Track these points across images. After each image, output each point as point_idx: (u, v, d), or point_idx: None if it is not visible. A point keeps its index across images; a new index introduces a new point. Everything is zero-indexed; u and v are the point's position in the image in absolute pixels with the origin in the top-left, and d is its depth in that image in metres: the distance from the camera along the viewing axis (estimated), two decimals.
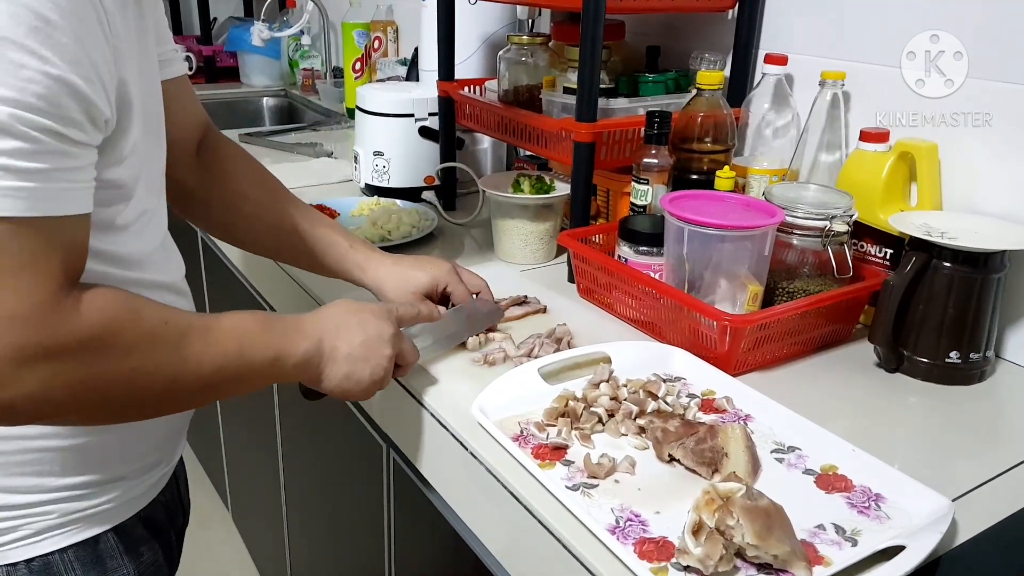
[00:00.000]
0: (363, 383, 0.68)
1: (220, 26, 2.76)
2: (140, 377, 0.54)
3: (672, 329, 0.87)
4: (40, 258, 0.48)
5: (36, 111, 0.46)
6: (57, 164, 0.48)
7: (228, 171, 0.83)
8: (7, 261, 0.47)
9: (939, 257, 0.81)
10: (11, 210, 0.46)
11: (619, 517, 0.60)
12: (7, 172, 0.45)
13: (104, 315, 0.51)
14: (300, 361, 0.64)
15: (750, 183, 1.02)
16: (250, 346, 0.61)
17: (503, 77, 1.17)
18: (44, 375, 0.48)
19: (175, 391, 0.57)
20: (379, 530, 1.03)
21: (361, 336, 0.68)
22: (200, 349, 0.57)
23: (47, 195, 0.47)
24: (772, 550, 0.52)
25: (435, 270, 0.85)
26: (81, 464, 0.63)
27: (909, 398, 0.81)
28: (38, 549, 0.63)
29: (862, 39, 0.99)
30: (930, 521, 0.58)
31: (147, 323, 0.54)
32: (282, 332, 0.64)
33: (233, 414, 1.71)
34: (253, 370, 0.61)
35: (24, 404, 0.49)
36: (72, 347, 0.49)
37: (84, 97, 0.48)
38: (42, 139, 0.47)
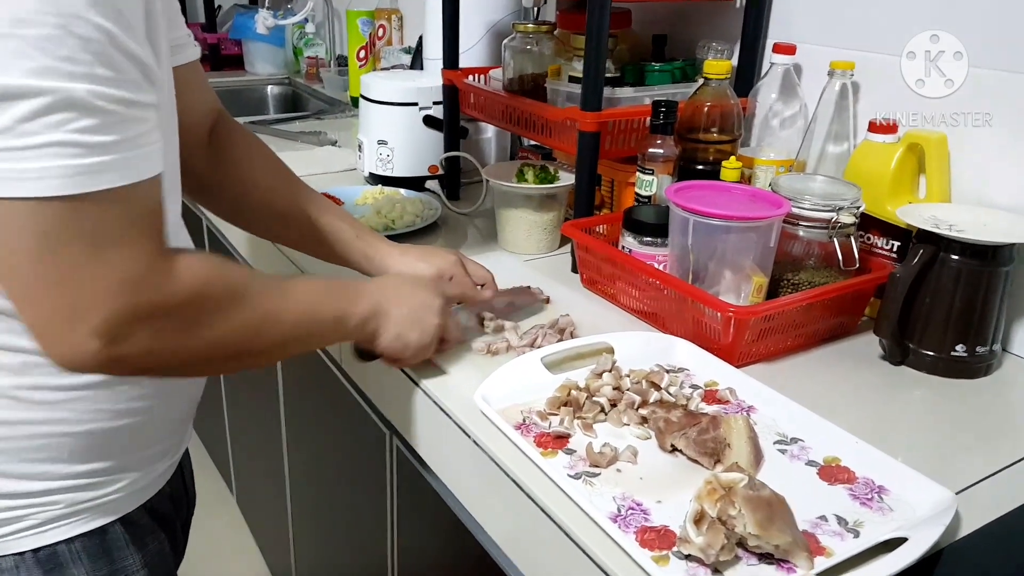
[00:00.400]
0: (411, 345, 0.73)
1: (225, 14, 2.75)
2: (232, 332, 0.59)
3: (676, 320, 0.87)
4: (137, 224, 0.51)
5: (109, 83, 0.48)
6: (134, 131, 0.50)
7: (239, 157, 0.84)
8: (110, 231, 0.49)
9: (947, 250, 0.80)
10: (105, 183, 0.48)
11: (621, 506, 0.59)
12: (94, 149, 0.47)
13: (199, 275, 0.55)
14: (360, 321, 0.69)
15: (756, 174, 1.02)
16: (319, 306, 0.66)
17: (508, 66, 1.16)
18: (152, 331, 0.53)
19: (260, 345, 0.62)
20: (382, 517, 1.03)
21: (413, 302, 0.73)
22: (279, 307, 0.62)
23: (131, 163, 0.50)
24: (773, 540, 0.52)
25: (440, 262, 0.85)
26: (89, 451, 0.63)
27: (914, 391, 0.81)
28: (45, 539, 0.63)
29: (872, 29, 0.98)
30: (933, 513, 0.58)
31: (234, 283, 0.59)
32: (344, 293, 0.69)
33: (238, 401, 1.71)
34: (321, 327, 0.68)
35: (136, 357, 0.53)
36: (175, 305, 0.54)
37: (139, 60, 0.50)
38: (118, 110, 0.48)
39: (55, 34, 0.45)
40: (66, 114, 0.46)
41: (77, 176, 0.47)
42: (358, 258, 0.85)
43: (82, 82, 0.46)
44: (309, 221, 0.84)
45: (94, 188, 0.48)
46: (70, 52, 0.45)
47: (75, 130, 0.46)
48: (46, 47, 0.45)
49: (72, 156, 0.47)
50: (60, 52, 0.45)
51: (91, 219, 0.49)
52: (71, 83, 0.46)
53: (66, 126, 0.46)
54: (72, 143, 0.46)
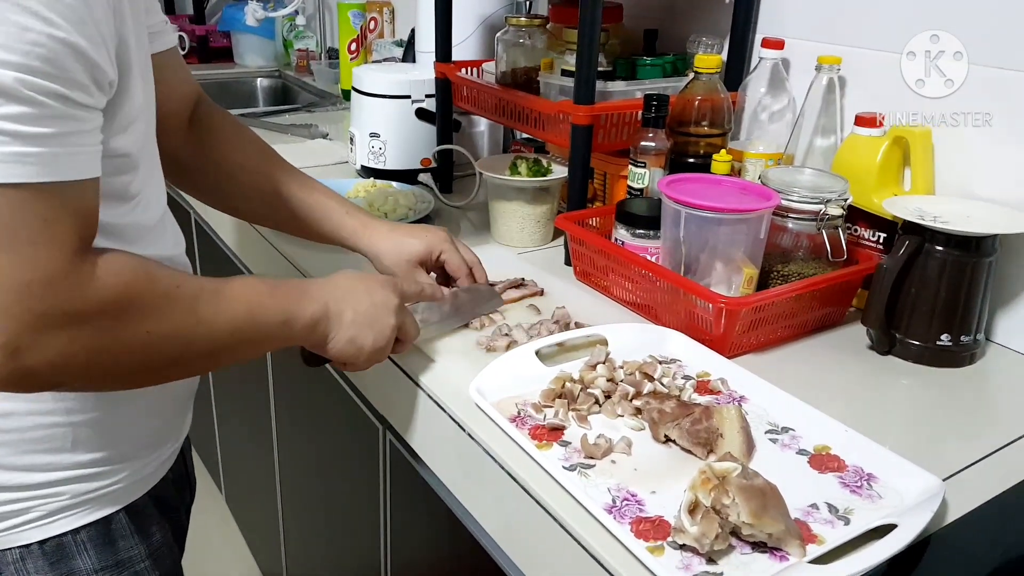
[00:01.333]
0: (365, 349, 0.69)
1: (214, 5, 2.73)
2: (156, 340, 0.54)
3: (668, 312, 0.88)
4: (54, 224, 0.48)
5: (41, 75, 0.45)
6: (65, 128, 0.47)
7: (221, 140, 0.83)
8: (22, 229, 0.46)
9: (932, 241, 0.82)
10: (22, 176, 0.45)
11: (615, 497, 0.60)
12: (15, 138, 0.45)
13: (120, 279, 0.52)
14: (307, 323, 0.65)
15: (746, 167, 1.03)
16: (260, 308, 0.61)
17: (500, 59, 1.17)
18: (64, 341, 0.49)
19: (189, 354, 0.58)
20: (375, 512, 1.04)
21: (367, 302, 0.68)
22: (212, 311, 0.58)
23: (56, 160, 0.47)
24: (767, 528, 0.54)
25: (430, 237, 0.85)
26: (92, 440, 0.63)
27: (901, 380, 0.82)
28: (51, 530, 0.63)
29: (859, 24, 1.00)
30: (921, 500, 0.60)
31: (161, 286, 0.55)
32: (290, 295, 0.64)
33: (227, 396, 1.71)
34: (262, 332, 0.62)
35: (45, 370, 0.49)
36: (91, 312, 0.50)
37: (88, 59, 0.48)
38: (48, 103, 0.46)
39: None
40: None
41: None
42: (347, 234, 0.84)
43: (11, 69, 0.44)
44: (297, 199, 0.83)
45: (11, 179, 0.45)
46: (2, 39, 0.43)
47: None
48: None
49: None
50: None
51: (2, 213, 0.45)
52: None
53: None
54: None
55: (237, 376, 1.57)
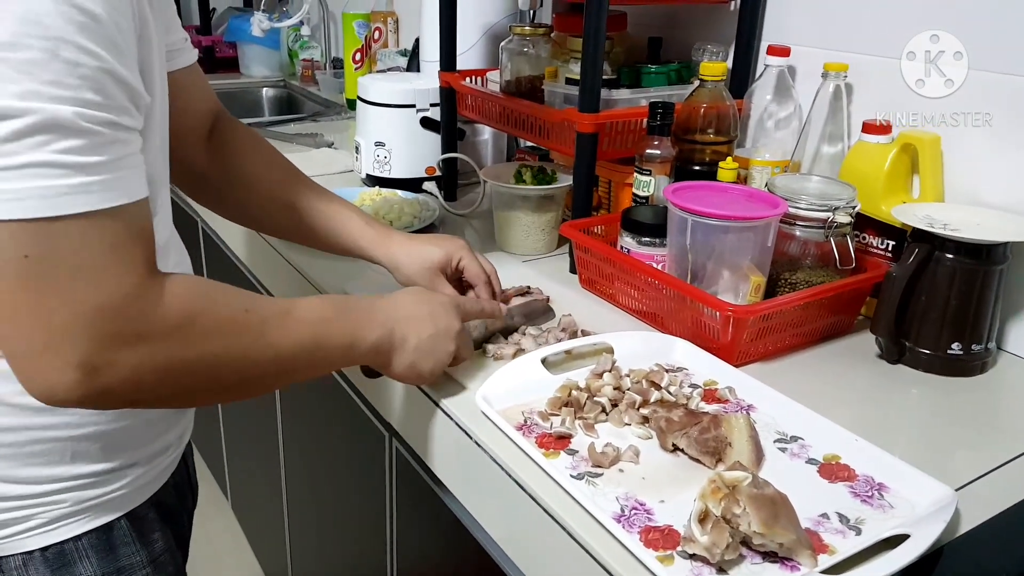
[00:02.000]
0: (424, 375, 0.70)
1: (219, 16, 2.75)
2: (222, 362, 0.56)
3: (675, 320, 0.87)
4: (122, 247, 0.49)
5: (95, 106, 0.47)
6: (119, 153, 0.49)
7: (239, 153, 0.84)
8: (92, 255, 0.48)
9: (941, 249, 0.81)
10: (88, 204, 0.47)
11: (624, 506, 0.60)
12: (76, 169, 0.47)
13: (185, 302, 0.53)
14: (371, 348, 0.66)
15: (752, 174, 1.02)
16: (326, 333, 0.63)
17: (505, 68, 1.17)
18: (137, 360, 0.50)
19: (255, 375, 0.59)
20: (381, 519, 1.03)
21: (431, 330, 0.70)
22: (279, 335, 0.59)
23: (116, 184, 0.49)
24: (778, 538, 0.53)
25: (449, 245, 0.85)
26: (92, 453, 0.63)
27: (911, 389, 0.81)
28: (52, 537, 0.63)
29: (865, 31, 0.99)
30: (933, 510, 0.59)
31: (227, 308, 0.56)
32: (356, 319, 0.66)
33: (232, 403, 1.70)
34: (328, 355, 0.64)
35: (120, 388, 0.51)
36: (160, 333, 0.51)
37: (128, 85, 0.50)
38: (103, 132, 0.48)
39: (41, 58, 0.45)
40: (50, 135, 0.45)
41: (60, 197, 0.46)
42: (366, 244, 0.84)
43: (68, 104, 0.46)
44: (315, 211, 0.84)
45: (77, 210, 0.47)
46: (56, 76, 0.45)
47: (59, 151, 0.46)
48: (31, 71, 0.44)
49: (55, 177, 0.46)
50: (45, 76, 0.45)
51: (74, 242, 0.47)
52: (56, 105, 0.45)
53: (49, 146, 0.45)
54: (55, 164, 0.46)
55: None
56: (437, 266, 0.84)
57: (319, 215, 0.84)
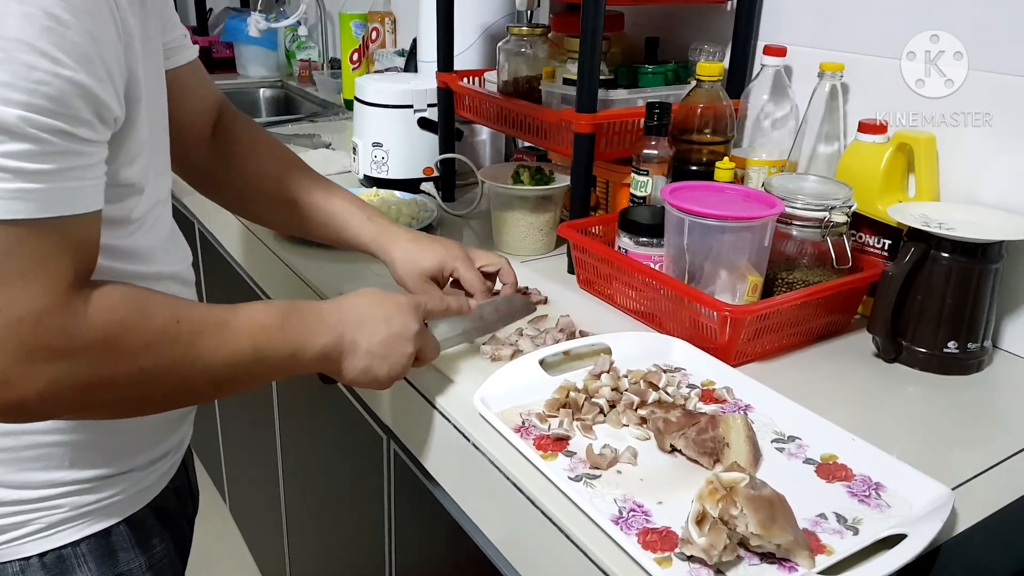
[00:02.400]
0: (379, 379, 0.67)
1: (216, 16, 2.74)
2: (150, 377, 0.54)
3: (672, 320, 0.88)
4: (50, 259, 0.48)
5: (46, 113, 0.46)
6: (67, 164, 0.48)
7: (243, 148, 0.84)
8: (17, 263, 0.47)
9: (937, 248, 0.81)
10: (21, 212, 0.46)
11: (622, 507, 0.60)
12: (16, 174, 0.45)
13: (113, 315, 0.51)
14: (317, 355, 0.63)
15: (749, 174, 1.03)
16: (266, 343, 0.60)
17: (502, 68, 1.17)
18: (54, 375, 0.49)
19: (185, 389, 0.58)
20: (379, 521, 1.03)
21: (384, 332, 0.66)
22: (213, 347, 0.56)
23: (57, 196, 0.47)
24: (775, 539, 0.53)
25: (443, 254, 0.83)
26: (91, 458, 0.63)
27: (907, 388, 0.81)
28: (50, 543, 0.63)
29: (861, 31, 0.99)
30: (930, 510, 0.59)
31: (157, 322, 0.54)
32: (301, 326, 0.62)
33: (230, 405, 1.70)
34: (268, 365, 0.61)
35: (35, 403, 0.49)
36: (81, 348, 0.50)
37: (94, 97, 0.48)
38: (52, 140, 0.46)
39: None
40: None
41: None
42: (366, 239, 0.84)
43: (15, 107, 0.44)
44: (318, 205, 0.83)
45: (8, 216, 0.45)
46: (8, 77, 0.44)
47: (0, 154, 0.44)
48: None
49: None
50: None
51: (1, 248, 0.46)
52: (3, 107, 0.44)
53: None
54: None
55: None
56: (427, 274, 0.83)
57: (320, 209, 0.84)
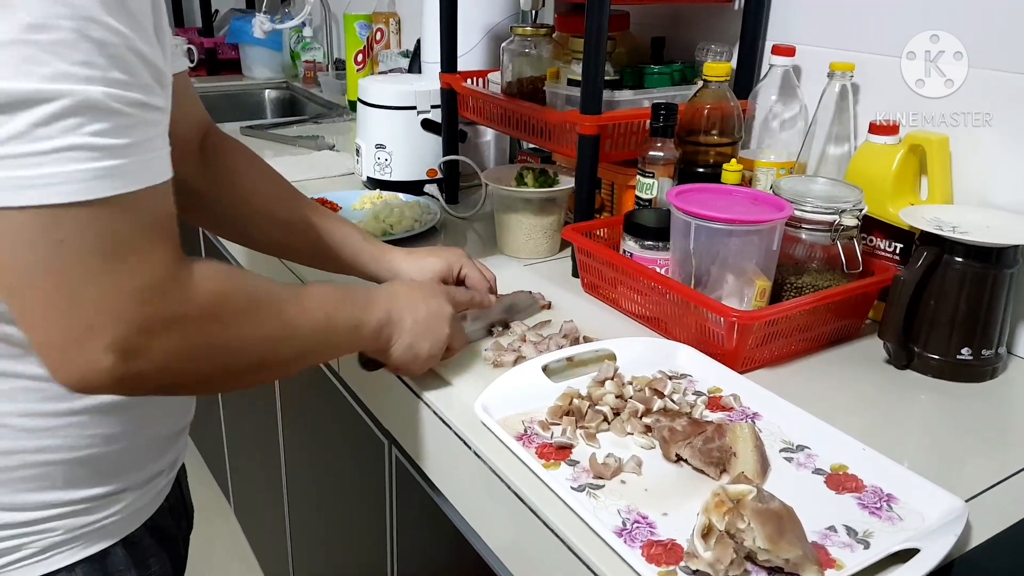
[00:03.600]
0: (421, 357, 0.72)
1: (222, 18, 2.74)
2: (250, 343, 0.56)
3: (678, 325, 0.86)
4: (151, 230, 0.49)
5: (124, 86, 0.46)
6: (147, 134, 0.48)
7: (234, 168, 0.82)
8: (126, 238, 0.47)
9: (950, 252, 0.79)
10: (121, 187, 0.46)
11: (626, 519, 0.58)
12: (109, 152, 0.46)
13: (215, 284, 0.53)
14: (374, 329, 0.68)
15: (757, 176, 1.01)
16: (336, 314, 0.64)
17: (506, 69, 1.15)
18: (170, 344, 0.50)
19: (277, 357, 0.60)
20: (381, 527, 1.02)
21: (425, 311, 0.72)
22: (296, 316, 0.60)
23: (143, 167, 0.48)
24: (784, 554, 0.51)
25: (448, 255, 0.87)
26: (84, 477, 0.62)
27: (920, 395, 0.80)
28: (45, 567, 0.61)
29: (872, 30, 0.98)
30: (944, 523, 0.57)
31: (251, 291, 0.57)
32: (359, 301, 0.67)
33: (235, 409, 1.70)
34: (338, 337, 0.66)
35: (153, 371, 0.50)
36: (194, 315, 0.51)
37: (151, 63, 0.49)
38: (132, 113, 0.47)
39: (70, 38, 0.44)
40: (82, 118, 0.44)
41: (92, 180, 0.45)
42: (366, 259, 0.84)
43: (98, 84, 0.45)
44: (314, 228, 0.82)
45: (110, 193, 0.46)
46: (85, 56, 0.44)
47: (91, 133, 0.45)
48: (61, 51, 0.43)
49: (87, 160, 0.45)
50: (75, 56, 0.44)
51: (108, 225, 0.47)
52: (88, 86, 0.44)
53: (82, 129, 0.44)
54: (87, 147, 0.45)
55: (245, 391, 1.56)
56: (438, 275, 0.84)
57: (318, 232, 0.82)
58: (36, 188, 0.44)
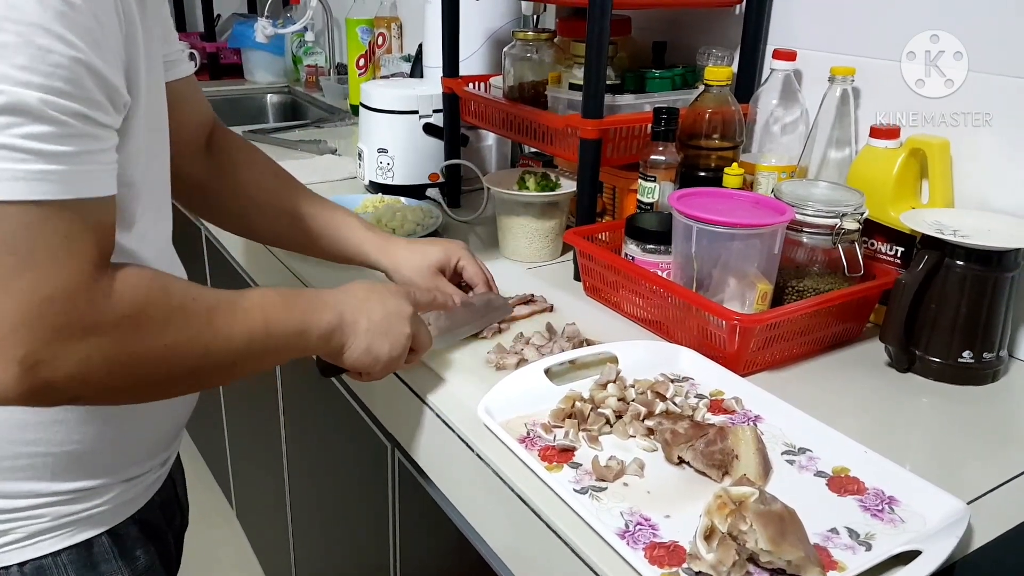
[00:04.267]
0: (381, 359, 0.69)
1: (224, 23, 2.75)
2: (173, 352, 0.55)
3: (680, 328, 0.86)
4: (76, 240, 0.49)
5: (64, 95, 0.46)
6: (85, 147, 0.48)
7: (239, 163, 0.84)
8: (44, 244, 0.47)
9: (951, 255, 0.80)
10: (46, 193, 0.46)
11: (628, 521, 0.59)
12: (39, 156, 0.46)
13: (137, 293, 0.52)
14: (323, 333, 0.65)
15: (758, 180, 1.01)
16: (275, 319, 0.62)
17: (508, 73, 1.16)
18: (83, 354, 0.49)
19: (206, 366, 0.58)
20: (384, 531, 1.02)
21: (381, 312, 0.69)
22: (228, 323, 0.58)
23: (78, 177, 0.48)
24: (786, 555, 0.52)
25: (449, 246, 0.87)
26: (74, 469, 0.62)
27: (921, 398, 0.80)
28: (31, 552, 0.62)
29: (872, 34, 0.98)
30: (945, 525, 0.57)
31: (176, 299, 0.55)
32: (305, 305, 0.65)
33: (237, 412, 1.70)
34: (279, 342, 0.63)
35: (64, 383, 0.49)
36: (109, 325, 0.50)
37: (105, 80, 0.49)
38: (71, 122, 0.47)
39: (13, 41, 0.44)
40: (13, 118, 0.45)
41: (16, 182, 0.45)
42: (369, 249, 0.84)
43: (35, 90, 0.45)
44: (317, 219, 0.84)
45: (33, 197, 0.46)
46: (27, 61, 0.45)
47: (22, 135, 0.45)
48: (3, 54, 0.44)
49: (15, 161, 0.45)
50: (16, 60, 0.44)
51: (27, 229, 0.46)
52: (23, 89, 0.45)
53: (12, 130, 0.45)
54: (17, 148, 0.45)
55: (247, 392, 1.56)
56: (436, 265, 0.85)
57: (320, 223, 0.84)
58: None
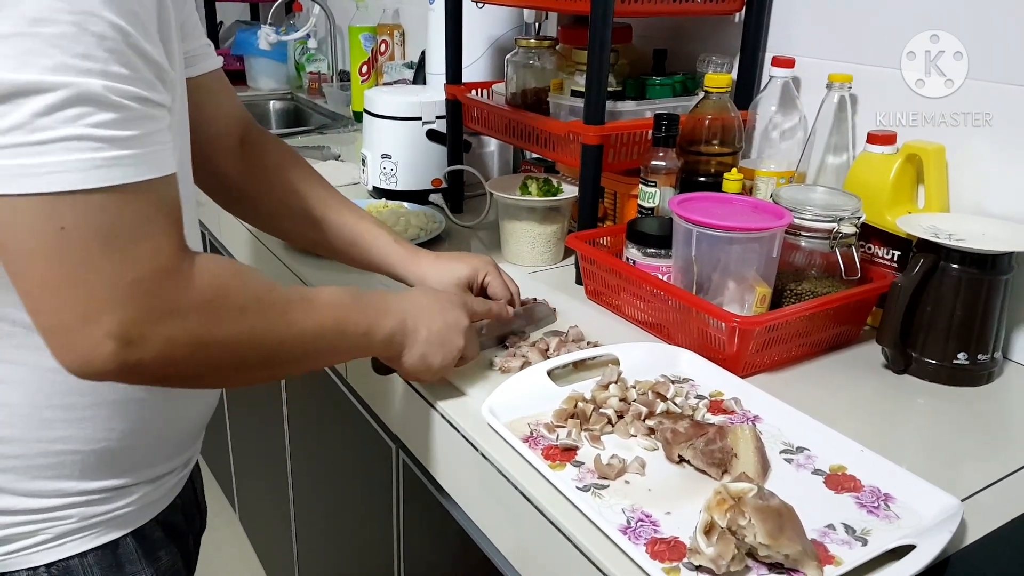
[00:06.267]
0: (433, 367, 0.72)
1: (227, 30, 2.77)
2: (249, 339, 0.56)
3: (680, 331, 0.88)
4: (154, 221, 0.50)
5: (124, 79, 0.48)
6: (148, 128, 0.50)
7: (270, 166, 0.85)
8: (127, 228, 0.48)
9: (947, 259, 0.81)
10: (121, 178, 0.48)
11: (630, 517, 0.60)
12: (110, 143, 0.47)
13: (217, 279, 0.54)
14: (385, 337, 0.68)
15: (757, 185, 1.03)
16: (345, 318, 0.64)
17: (510, 80, 1.18)
18: (170, 333, 0.51)
19: (279, 356, 0.60)
20: (388, 532, 1.03)
21: (441, 323, 0.72)
22: (302, 316, 0.60)
23: (147, 159, 0.49)
24: (784, 550, 0.53)
25: (476, 262, 0.87)
26: (101, 468, 0.63)
27: (917, 399, 0.81)
28: (58, 553, 0.63)
29: (869, 42, 1.00)
30: (940, 520, 0.59)
31: (253, 288, 0.58)
32: (372, 308, 0.67)
33: (240, 415, 1.71)
34: (346, 341, 0.65)
35: (152, 362, 0.51)
36: (194, 306, 0.52)
37: (152, 59, 0.50)
38: (133, 106, 0.48)
39: (71, 31, 0.45)
40: (82, 108, 0.46)
41: (95, 170, 0.46)
42: (395, 260, 0.85)
43: (98, 78, 0.46)
44: (346, 226, 0.85)
45: (112, 182, 0.47)
46: (86, 49, 0.46)
47: (91, 124, 0.46)
48: (62, 44, 0.45)
49: (89, 150, 0.46)
50: (76, 49, 0.45)
51: (109, 214, 0.48)
52: (87, 78, 0.46)
53: (82, 120, 0.46)
54: (89, 137, 0.46)
55: (251, 395, 1.57)
56: (464, 281, 0.85)
57: (350, 230, 0.85)
58: (36, 176, 0.45)
